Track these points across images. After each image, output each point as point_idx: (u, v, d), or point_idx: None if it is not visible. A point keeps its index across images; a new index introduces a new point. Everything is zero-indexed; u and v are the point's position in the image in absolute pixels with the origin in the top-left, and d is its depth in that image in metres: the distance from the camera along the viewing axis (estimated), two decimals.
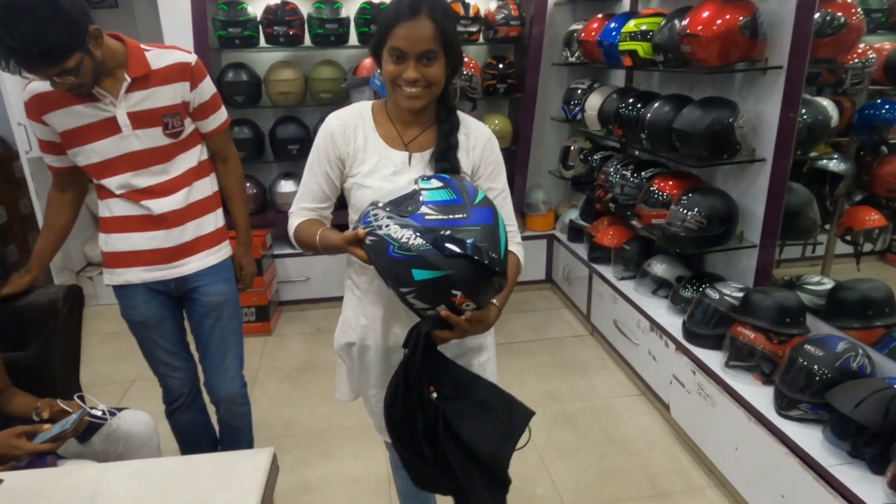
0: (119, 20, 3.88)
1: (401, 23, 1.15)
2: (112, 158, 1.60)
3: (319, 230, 1.25)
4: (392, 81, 1.20)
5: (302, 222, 1.31)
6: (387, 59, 1.19)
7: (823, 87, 2.53)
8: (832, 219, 2.59)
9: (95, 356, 3.26)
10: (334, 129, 1.28)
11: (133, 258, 1.69)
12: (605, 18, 3.08)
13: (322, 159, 1.30)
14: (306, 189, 1.33)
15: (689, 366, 2.30)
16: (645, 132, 2.62)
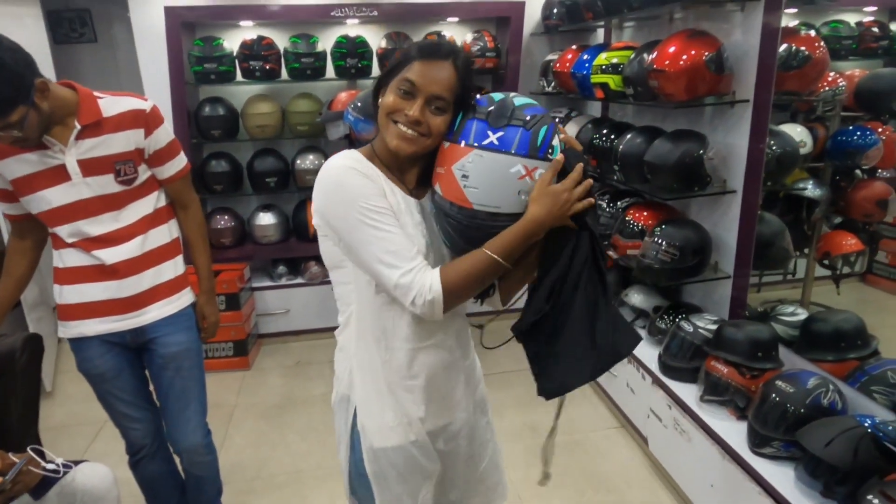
0: (99, 55, 3.90)
1: (424, 59, 1.09)
2: (62, 206, 1.57)
3: (485, 250, 1.07)
4: (388, 114, 1.10)
5: (445, 270, 1.08)
6: (391, 91, 1.10)
7: (797, 114, 2.56)
8: (810, 243, 2.61)
9: (70, 394, 3.20)
10: (364, 171, 1.10)
11: (86, 310, 1.65)
12: (580, 50, 3.11)
13: (380, 199, 1.08)
14: (398, 237, 1.07)
15: (665, 399, 2.28)
16: (618, 164, 2.63)
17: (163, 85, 3.30)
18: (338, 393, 1.26)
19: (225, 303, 3.30)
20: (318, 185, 1.12)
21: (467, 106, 1.12)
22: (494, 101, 1.11)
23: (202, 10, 3.30)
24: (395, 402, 1.20)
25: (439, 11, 3.54)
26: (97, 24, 3.87)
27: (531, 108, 1.10)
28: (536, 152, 1.07)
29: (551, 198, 1.06)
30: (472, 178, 1.06)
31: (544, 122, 1.09)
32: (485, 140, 1.06)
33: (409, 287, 1.06)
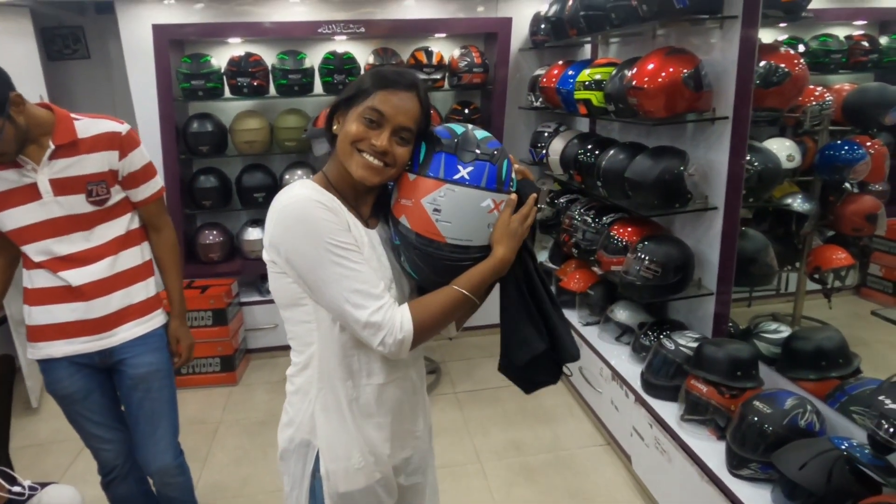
0: (92, 71, 3.94)
1: (391, 88, 1.07)
2: (32, 224, 1.58)
3: (452, 285, 1.08)
4: (352, 144, 1.07)
5: (414, 308, 1.07)
6: (355, 120, 1.07)
7: (785, 128, 2.56)
8: (801, 258, 2.59)
9: (54, 411, 3.16)
10: (327, 204, 1.06)
11: (55, 331, 1.65)
12: (566, 65, 3.12)
13: (345, 235, 1.05)
14: (365, 274, 1.04)
15: (647, 418, 2.26)
16: (600, 180, 2.63)
17: (152, 101, 3.32)
18: (293, 439, 1.18)
19: (212, 318, 3.30)
20: (276, 217, 1.06)
21: (429, 137, 1.12)
22: (456, 133, 1.12)
23: (190, 27, 3.32)
24: (362, 442, 1.16)
25: (427, 28, 3.56)
26: (90, 41, 3.91)
27: (492, 142, 1.13)
28: (502, 186, 1.10)
29: (513, 237, 1.11)
30: (445, 212, 1.07)
31: (505, 156, 1.12)
32: (456, 174, 1.07)
33: (378, 326, 1.03)
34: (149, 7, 3.33)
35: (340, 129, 1.11)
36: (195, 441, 2.87)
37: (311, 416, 1.16)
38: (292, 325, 1.16)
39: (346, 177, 1.11)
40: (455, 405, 3.08)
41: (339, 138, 1.10)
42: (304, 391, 1.16)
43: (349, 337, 1.12)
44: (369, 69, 1.19)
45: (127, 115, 3.64)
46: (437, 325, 1.10)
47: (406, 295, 1.18)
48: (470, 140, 1.10)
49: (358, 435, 1.16)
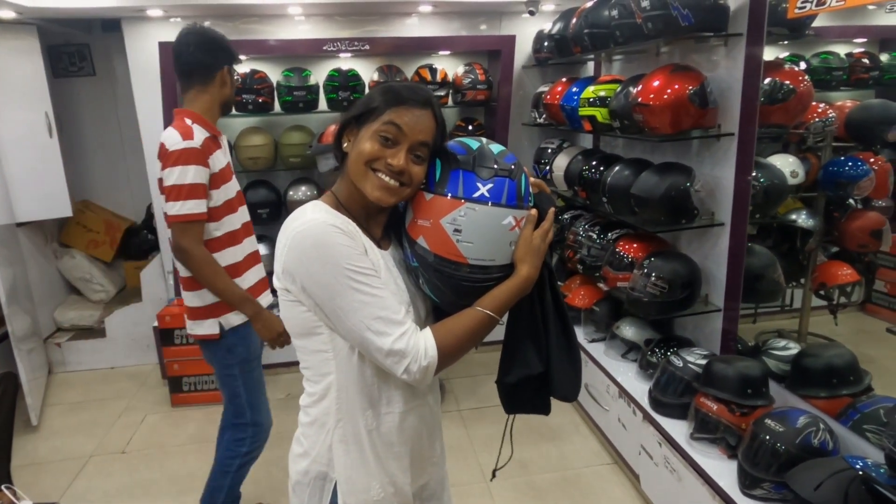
0: (98, 88, 3.96)
1: (406, 105, 1.03)
2: (236, 196, 1.96)
3: (476, 308, 1.05)
4: (367, 163, 1.03)
5: (437, 332, 1.04)
6: (369, 138, 1.03)
7: (789, 144, 2.56)
8: (806, 274, 2.57)
9: (55, 428, 3.16)
10: (343, 228, 1.02)
11: (257, 289, 2.02)
12: (569, 82, 3.13)
13: (364, 259, 1.02)
14: (385, 299, 1.01)
15: (656, 436, 2.23)
16: (606, 196, 2.63)
17: (157, 118, 3.34)
18: (308, 471, 1.13)
19: None
20: (290, 244, 1.01)
21: (443, 154, 1.08)
22: (472, 148, 1.08)
23: None
24: (381, 473, 1.13)
25: (431, 45, 3.59)
26: (96, 59, 3.94)
27: (509, 156, 1.09)
28: (522, 201, 1.07)
29: (536, 255, 1.08)
30: (466, 232, 1.03)
31: (521, 170, 1.09)
32: (475, 192, 1.03)
33: (402, 354, 0.99)
34: (155, 25, 3.36)
35: (352, 147, 1.07)
36: (199, 460, 2.83)
37: (329, 448, 1.11)
38: (306, 355, 1.11)
39: (358, 197, 1.08)
40: (460, 423, 3.04)
41: (352, 158, 1.06)
42: (320, 423, 1.12)
43: (369, 365, 1.08)
44: (378, 85, 1.13)
45: (131, 131, 3.66)
46: (462, 348, 1.06)
47: (422, 318, 1.14)
48: (487, 155, 1.06)
49: (377, 466, 1.12)
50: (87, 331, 3.85)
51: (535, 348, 1.14)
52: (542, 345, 1.15)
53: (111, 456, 2.90)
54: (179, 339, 3.26)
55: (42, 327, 3.72)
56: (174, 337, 3.26)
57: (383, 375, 1.09)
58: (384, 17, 3.55)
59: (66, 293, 4.03)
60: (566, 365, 1.16)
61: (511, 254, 1.07)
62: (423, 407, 1.18)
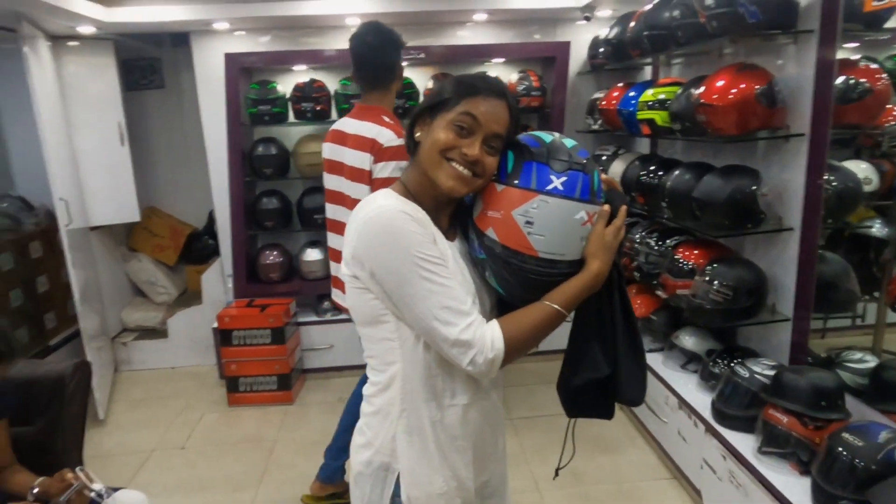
0: (166, 100, 4.15)
1: (483, 95, 1.03)
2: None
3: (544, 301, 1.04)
4: (441, 152, 1.03)
5: (505, 324, 1.03)
6: (444, 127, 1.03)
7: (861, 149, 2.44)
8: (880, 286, 2.43)
9: (120, 423, 3.29)
10: (414, 215, 1.03)
11: None
12: (626, 87, 3.09)
13: (433, 248, 1.02)
14: (453, 289, 1.00)
15: (720, 450, 2.13)
16: (666, 201, 2.56)
17: (221, 126, 3.47)
18: (371, 462, 1.13)
19: (271, 336, 3.35)
20: (360, 229, 1.02)
21: (515, 145, 1.07)
22: (545, 141, 1.08)
23: (259, 55, 3.48)
24: (444, 466, 1.11)
25: (485, 53, 3.61)
26: (165, 72, 4.13)
27: (582, 151, 1.09)
28: (595, 196, 1.06)
29: (608, 251, 1.06)
30: (538, 224, 1.02)
31: (594, 166, 1.09)
32: (549, 185, 1.02)
33: (469, 345, 0.98)
34: (221, 38, 3.51)
35: (425, 136, 1.07)
36: (253, 458, 2.89)
37: (393, 438, 1.10)
38: (372, 343, 1.12)
39: (428, 187, 1.08)
40: (511, 431, 3.00)
41: (426, 146, 1.06)
42: (384, 412, 1.11)
43: (434, 356, 1.07)
44: (447, 79, 1.13)
45: (195, 141, 3.82)
46: (529, 343, 1.04)
47: (487, 311, 1.13)
48: (560, 148, 1.06)
49: (441, 459, 1.11)
50: (150, 331, 4.00)
51: (602, 350, 1.12)
52: (610, 347, 1.12)
53: (171, 451, 3.00)
54: (237, 340, 3.35)
55: (110, 327, 3.90)
56: (232, 338, 3.35)
57: (448, 367, 1.08)
58: (439, 26, 3.60)
59: (132, 295, 4.21)
60: (633, 367, 1.13)
61: (582, 249, 1.06)
62: (486, 401, 1.17)
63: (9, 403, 1.60)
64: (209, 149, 3.62)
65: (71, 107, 3.44)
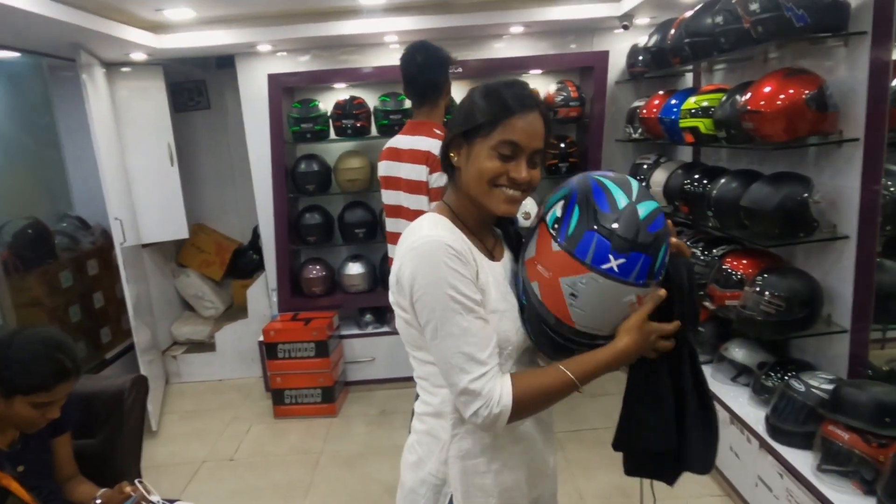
0: (212, 120, 4.30)
1: (518, 114, 1.00)
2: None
3: (560, 366, 1.00)
4: (491, 181, 1.02)
5: (517, 382, 0.99)
6: (486, 156, 1.01)
7: None
8: None
9: (172, 435, 3.39)
10: (461, 247, 1.01)
11: None
12: (667, 95, 3.04)
13: (471, 287, 1.00)
14: (475, 336, 0.98)
15: (776, 467, 2.06)
16: (712, 210, 2.50)
17: (264, 145, 3.57)
18: (425, 482, 1.12)
19: (315, 349, 3.41)
20: (406, 256, 1.02)
21: (586, 203, 1.00)
22: (618, 206, 0.98)
23: (301, 75, 3.57)
24: (498, 488, 1.11)
25: (523, 65, 3.62)
26: (211, 93, 4.29)
27: (656, 223, 0.99)
28: (653, 278, 0.99)
29: (644, 335, 1.00)
30: (582, 299, 0.98)
31: (664, 240, 1.00)
32: (604, 264, 0.96)
33: (476, 395, 0.97)
34: (264, 60, 3.62)
35: (465, 163, 1.05)
36: (299, 470, 2.93)
37: (445, 462, 1.10)
38: (421, 366, 1.12)
39: (473, 210, 1.08)
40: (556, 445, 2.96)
41: (471, 176, 1.04)
42: (435, 434, 1.12)
43: None
44: (475, 89, 1.08)
45: (241, 158, 3.94)
46: (538, 406, 1.04)
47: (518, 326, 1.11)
48: (631, 223, 0.96)
49: (494, 480, 1.11)
50: (199, 345, 4.13)
51: (656, 422, 1.08)
52: (665, 420, 1.08)
53: (221, 462, 3.07)
54: (283, 353, 3.42)
55: (161, 341, 4.03)
56: (277, 351, 3.42)
57: None
58: (476, 40, 3.63)
59: (181, 309, 4.35)
60: (702, 437, 1.09)
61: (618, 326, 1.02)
62: (538, 421, 1.16)
63: (71, 417, 1.67)
64: (253, 166, 3.72)
65: (124, 129, 3.60)
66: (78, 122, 3.36)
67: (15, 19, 2.32)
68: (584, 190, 1.02)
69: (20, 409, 1.44)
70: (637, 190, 1.01)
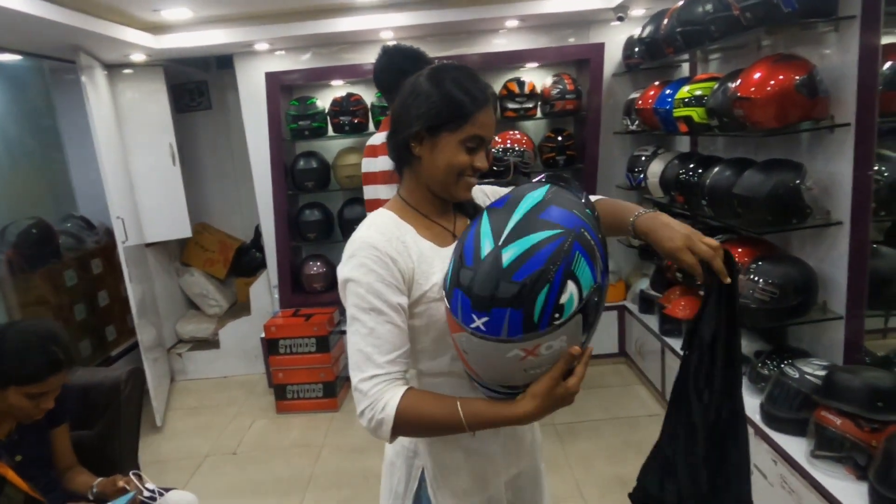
0: (213, 120, 4.35)
1: (483, 109, 1.03)
2: None
3: (458, 402, 0.96)
4: (458, 173, 1.05)
5: (410, 399, 0.96)
6: (456, 149, 1.03)
7: None
8: None
9: (176, 430, 3.43)
10: (387, 249, 1.01)
11: None
12: (662, 85, 3.04)
13: (388, 290, 0.99)
14: (378, 339, 0.98)
15: (770, 454, 2.06)
16: (706, 199, 2.50)
17: (264, 143, 3.60)
18: (398, 452, 1.16)
19: (316, 345, 3.44)
20: (343, 255, 1.06)
21: (457, 251, 0.96)
22: (480, 255, 0.90)
23: (298, 73, 3.60)
24: (469, 462, 1.13)
25: (519, 58, 3.62)
26: (212, 94, 4.33)
27: (524, 267, 0.86)
28: (535, 328, 0.87)
29: (553, 401, 0.93)
30: (471, 356, 0.94)
31: (544, 281, 0.85)
32: (472, 323, 0.89)
33: (363, 395, 0.97)
34: (262, 58, 3.66)
35: (430, 155, 1.05)
36: (301, 463, 2.96)
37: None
38: None
39: (430, 198, 1.10)
40: (554, 437, 2.97)
41: (438, 167, 1.04)
42: None
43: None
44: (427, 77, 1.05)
45: (242, 157, 3.97)
46: (418, 431, 1.03)
47: None
48: (489, 275, 0.88)
49: (465, 455, 1.12)
50: (203, 342, 4.17)
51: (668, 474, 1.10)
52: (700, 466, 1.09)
53: (224, 457, 3.11)
54: (284, 348, 3.45)
55: (166, 339, 4.08)
56: (279, 347, 3.46)
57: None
58: (472, 35, 3.64)
59: (185, 308, 4.40)
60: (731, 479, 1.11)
61: (535, 375, 0.92)
62: None
63: (69, 408, 1.70)
64: (254, 165, 3.76)
65: (126, 130, 3.65)
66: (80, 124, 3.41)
67: (13, 21, 2.36)
68: (464, 233, 0.98)
69: (14, 399, 1.47)
70: (513, 225, 0.90)
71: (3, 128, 3.45)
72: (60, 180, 3.99)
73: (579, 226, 0.90)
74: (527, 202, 0.93)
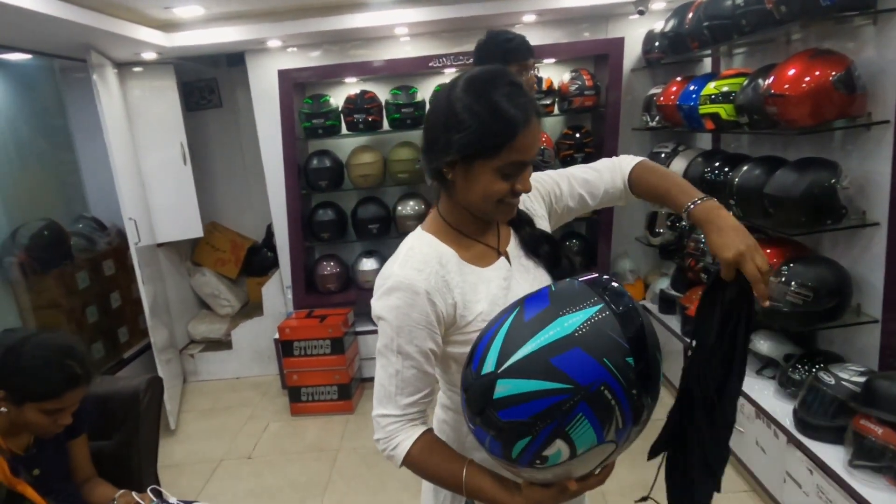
0: (224, 118, 4.29)
1: (523, 129, 0.92)
2: None
3: (464, 469, 0.98)
4: (497, 200, 0.98)
5: (422, 445, 1.00)
6: (493, 178, 0.95)
7: None
8: None
9: (190, 433, 3.40)
10: (426, 287, 0.97)
11: None
12: (685, 81, 2.96)
13: (420, 335, 0.98)
14: (402, 381, 0.99)
15: (805, 463, 2.00)
16: (734, 198, 2.43)
17: (276, 142, 3.55)
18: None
19: (331, 346, 3.39)
20: (378, 289, 1.02)
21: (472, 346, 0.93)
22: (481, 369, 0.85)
23: (311, 70, 3.54)
24: None
25: (536, 54, 3.53)
26: (223, 91, 4.27)
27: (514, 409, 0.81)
28: (514, 464, 0.86)
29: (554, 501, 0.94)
30: None
31: (526, 433, 0.81)
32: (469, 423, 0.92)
33: (380, 428, 1.02)
34: (274, 56, 3.60)
35: (463, 181, 0.97)
36: (317, 467, 2.92)
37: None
38: None
39: (470, 217, 1.04)
40: None
41: (475, 196, 0.97)
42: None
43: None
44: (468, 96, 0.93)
45: (252, 157, 3.92)
46: (424, 477, 1.07)
47: None
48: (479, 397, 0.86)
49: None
50: (216, 343, 4.13)
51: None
52: None
53: (239, 461, 3.07)
54: (298, 350, 3.41)
55: (178, 339, 4.05)
56: (293, 348, 3.41)
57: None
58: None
59: (197, 308, 4.36)
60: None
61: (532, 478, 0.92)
62: None
63: (88, 419, 1.66)
64: (266, 164, 3.71)
65: (137, 129, 3.60)
66: (91, 123, 3.37)
67: (23, 20, 2.31)
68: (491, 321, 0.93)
69: (31, 415, 1.43)
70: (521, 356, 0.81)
71: (14, 128, 3.41)
72: (71, 181, 3.95)
73: (599, 381, 0.79)
74: (553, 330, 0.81)
